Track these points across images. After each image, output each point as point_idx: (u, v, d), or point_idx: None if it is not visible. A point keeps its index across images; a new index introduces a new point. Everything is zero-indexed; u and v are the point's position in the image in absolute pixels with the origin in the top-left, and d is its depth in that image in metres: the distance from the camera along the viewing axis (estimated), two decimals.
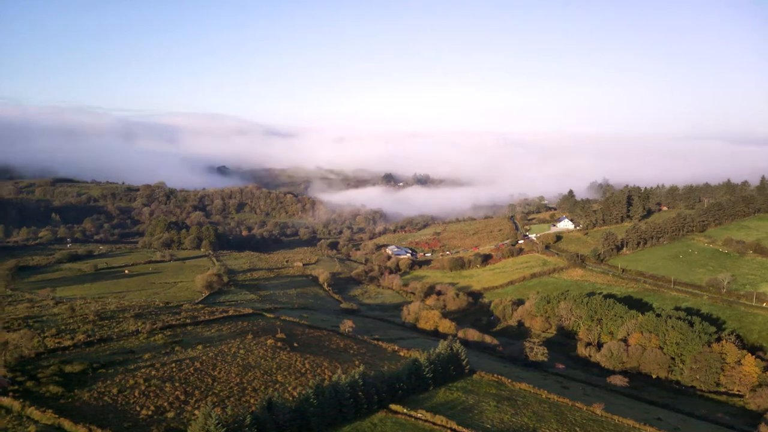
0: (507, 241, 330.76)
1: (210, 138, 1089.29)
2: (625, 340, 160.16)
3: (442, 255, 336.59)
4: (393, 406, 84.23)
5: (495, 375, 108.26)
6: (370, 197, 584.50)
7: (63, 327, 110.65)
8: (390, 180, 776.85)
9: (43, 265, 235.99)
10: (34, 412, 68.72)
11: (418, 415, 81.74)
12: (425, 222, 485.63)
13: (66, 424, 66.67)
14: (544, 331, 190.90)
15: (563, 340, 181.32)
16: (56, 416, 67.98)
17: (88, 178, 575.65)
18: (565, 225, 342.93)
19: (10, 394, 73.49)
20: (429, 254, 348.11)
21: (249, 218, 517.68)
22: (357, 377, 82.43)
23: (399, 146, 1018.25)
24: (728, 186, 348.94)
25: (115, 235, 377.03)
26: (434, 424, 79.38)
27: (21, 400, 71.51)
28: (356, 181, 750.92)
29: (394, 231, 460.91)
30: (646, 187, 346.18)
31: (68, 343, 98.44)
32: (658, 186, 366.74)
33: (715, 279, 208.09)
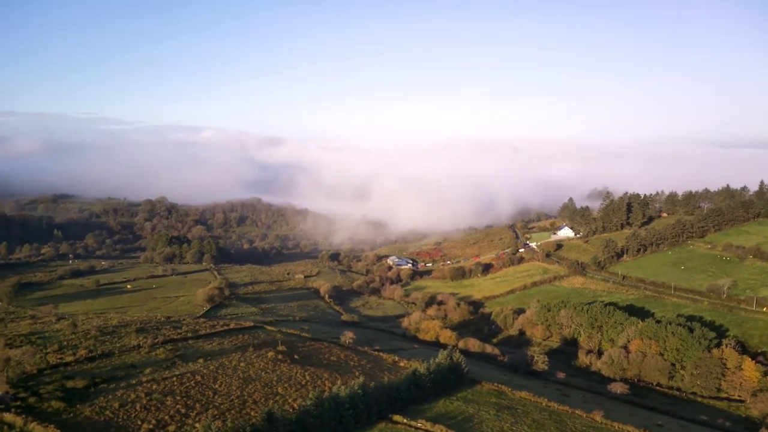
0: (507, 250, 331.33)
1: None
2: (625, 347, 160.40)
3: (442, 265, 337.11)
4: (393, 417, 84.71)
5: (495, 384, 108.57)
6: (371, 208, 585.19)
7: (65, 343, 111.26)
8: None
9: (45, 281, 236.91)
10: (36, 428, 69.38)
11: (418, 425, 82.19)
12: (426, 232, 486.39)
13: None
14: (544, 340, 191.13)
15: (564, 348, 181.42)
16: (58, 431, 68.64)
17: (89, 193, 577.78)
18: (566, 233, 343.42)
19: (13, 410, 74.13)
20: (430, 264, 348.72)
21: (250, 231, 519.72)
22: (357, 388, 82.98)
23: (399, 156, 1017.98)
24: (727, 191, 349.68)
25: (117, 251, 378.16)
26: None
27: (23, 415, 72.21)
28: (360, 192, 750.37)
29: (395, 241, 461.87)
30: (645, 194, 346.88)
31: (70, 358, 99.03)
32: (657, 192, 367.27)
33: (715, 284, 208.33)
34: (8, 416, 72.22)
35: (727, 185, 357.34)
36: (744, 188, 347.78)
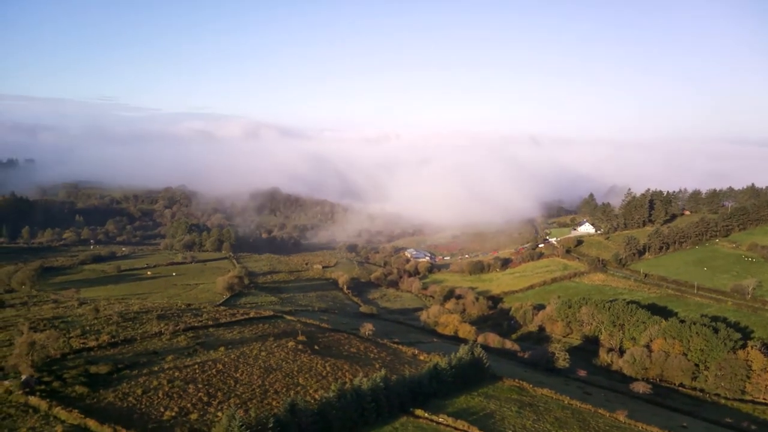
0: (527, 245, 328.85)
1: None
2: (648, 346, 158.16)
3: (461, 258, 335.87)
4: (415, 411, 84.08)
5: (516, 380, 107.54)
6: (389, 200, 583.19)
7: (87, 328, 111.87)
8: None
9: (66, 266, 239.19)
10: (60, 412, 69.79)
11: (440, 419, 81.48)
12: (443, 225, 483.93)
13: (92, 424, 67.49)
14: (564, 336, 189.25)
15: (585, 346, 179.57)
16: (82, 416, 68.90)
17: (110, 180, 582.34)
18: (586, 229, 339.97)
19: (38, 393, 74.63)
20: (448, 257, 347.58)
21: (269, 220, 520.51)
22: (379, 381, 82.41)
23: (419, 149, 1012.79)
24: (752, 190, 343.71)
25: (137, 237, 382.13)
26: (456, 429, 79.10)
27: (48, 400, 72.67)
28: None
29: (413, 234, 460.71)
30: (668, 191, 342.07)
31: (93, 343, 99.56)
32: (680, 190, 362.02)
33: (739, 285, 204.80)
34: (33, 400, 72.74)
35: (752, 184, 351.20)
36: None
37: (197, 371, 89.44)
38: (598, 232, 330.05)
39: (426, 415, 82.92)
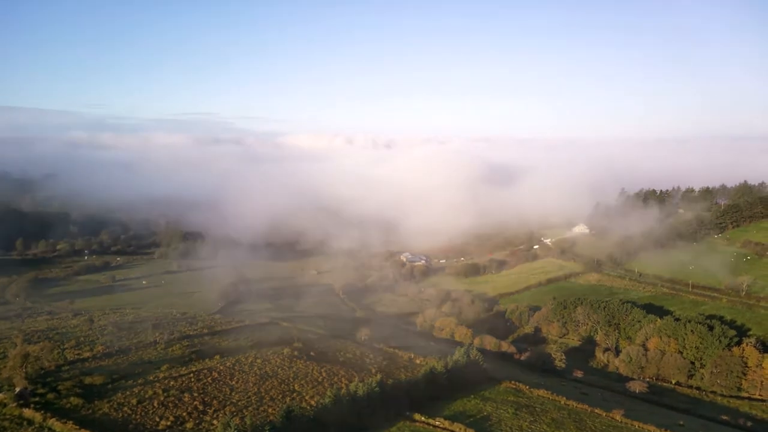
0: (522, 247, 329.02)
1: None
2: (643, 345, 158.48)
3: (456, 261, 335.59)
4: (411, 415, 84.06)
5: (513, 382, 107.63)
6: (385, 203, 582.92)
7: (82, 338, 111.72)
8: None
9: (61, 277, 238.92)
10: (55, 424, 69.75)
11: (436, 423, 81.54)
12: (439, 228, 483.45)
13: None
14: (561, 337, 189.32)
15: (581, 346, 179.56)
16: (77, 428, 68.91)
17: (104, 189, 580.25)
18: (581, 229, 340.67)
19: (32, 406, 74.43)
20: (443, 261, 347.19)
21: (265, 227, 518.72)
22: (374, 386, 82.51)
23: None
24: (745, 187, 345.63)
25: (132, 246, 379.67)
26: None
27: (42, 411, 72.64)
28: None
29: (409, 238, 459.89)
30: (661, 190, 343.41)
31: (87, 354, 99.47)
32: (673, 188, 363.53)
33: (734, 282, 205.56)
34: (27, 412, 72.57)
35: (745, 181, 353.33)
36: (762, 184, 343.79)
37: (192, 380, 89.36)
38: (593, 231, 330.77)
39: (422, 418, 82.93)
